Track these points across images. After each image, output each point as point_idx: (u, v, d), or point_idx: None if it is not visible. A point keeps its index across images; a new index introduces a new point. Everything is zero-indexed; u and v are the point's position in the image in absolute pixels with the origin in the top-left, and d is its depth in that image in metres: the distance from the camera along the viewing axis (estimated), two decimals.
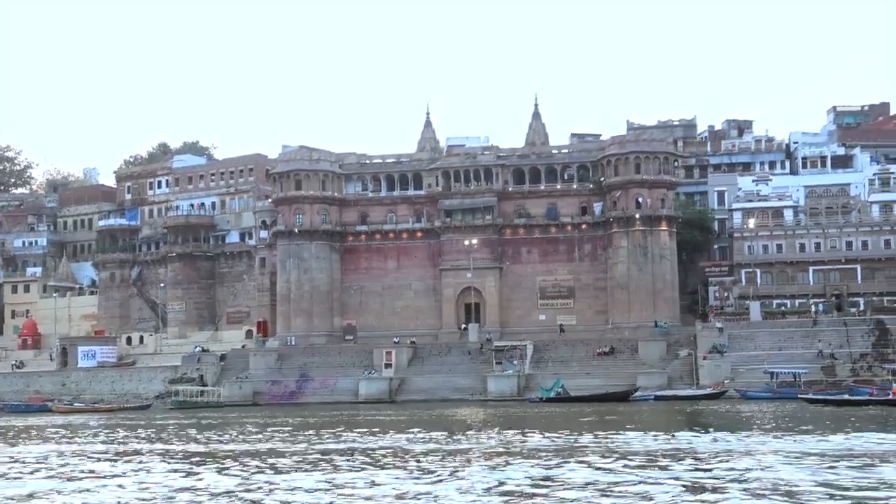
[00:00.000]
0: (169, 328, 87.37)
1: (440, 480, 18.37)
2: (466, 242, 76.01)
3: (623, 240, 75.51)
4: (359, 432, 33.71)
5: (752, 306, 71.85)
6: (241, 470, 21.49)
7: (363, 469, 21.00)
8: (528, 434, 30.61)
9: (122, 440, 33.78)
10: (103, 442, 32.98)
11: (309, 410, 57.16)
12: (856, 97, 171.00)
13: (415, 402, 64.26)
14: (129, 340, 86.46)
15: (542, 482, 17.74)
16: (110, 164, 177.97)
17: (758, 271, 77.70)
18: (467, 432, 32.47)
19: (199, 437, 34.25)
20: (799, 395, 52.78)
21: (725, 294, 77.50)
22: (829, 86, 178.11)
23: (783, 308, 74.96)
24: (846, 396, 51.09)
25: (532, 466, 20.42)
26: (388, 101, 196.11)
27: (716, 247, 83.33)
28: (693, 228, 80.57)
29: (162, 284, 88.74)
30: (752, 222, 77.84)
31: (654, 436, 28.51)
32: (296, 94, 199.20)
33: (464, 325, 77.05)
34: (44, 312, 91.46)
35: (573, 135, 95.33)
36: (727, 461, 20.77)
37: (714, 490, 16.09)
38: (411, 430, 33.71)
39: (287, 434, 34.02)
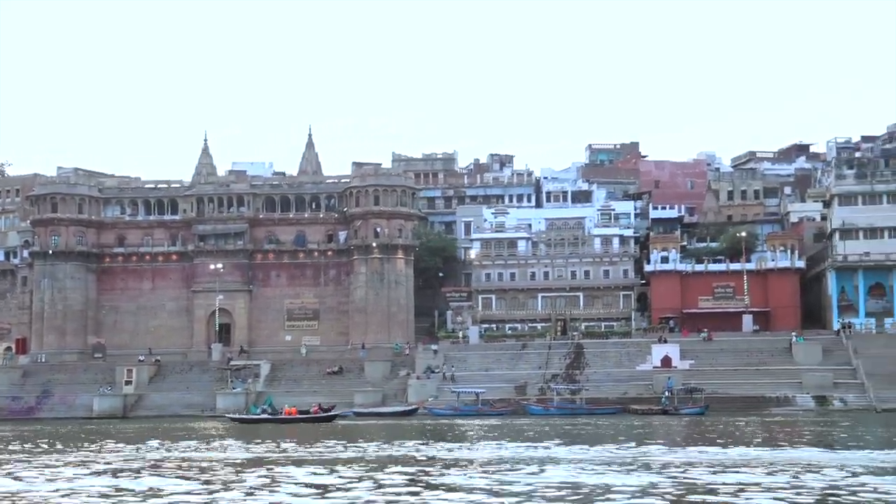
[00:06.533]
0: None
1: None
2: (212, 266, 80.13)
3: (363, 266, 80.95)
4: None
5: (472, 330, 78.16)
6: None
7: None
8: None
9: None
10: None
11: (32, 425, 60.02)
12: (615, 135, 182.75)
13: (147, 418, 67.84)
14: None
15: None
16: None
17: (493, 297, 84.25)
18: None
19: None
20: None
21: (460, 318, 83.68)
22: (589, 123, 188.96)
23: (510, 332, 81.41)
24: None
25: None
26: (181, 128, 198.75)
27: (462, 273, 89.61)
28: (437, 256, 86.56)
29: None
30: (482, 252, 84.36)
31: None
32: (95, 118, 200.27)
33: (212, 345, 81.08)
34: None
35: (354, 163, 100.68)
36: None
37: None
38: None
39: None
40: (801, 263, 78.04)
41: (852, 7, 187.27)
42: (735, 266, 78.44)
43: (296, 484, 19.53)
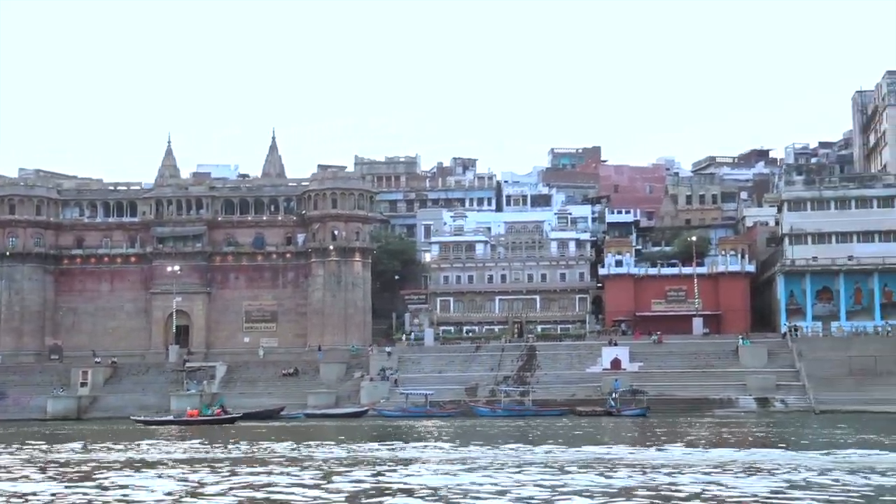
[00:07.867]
0: None
1: None
2: (171, 268, 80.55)
3: (320, 269, 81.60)
4: None
5: (427, 332, 78.86)
6: None
7: None
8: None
9: None
10: None
11: None
12: (578, 140, 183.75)
13: (101, 420, 68.24)
14: None
15: None
16: None
17: (451, 300, 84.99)
18: None
19: None
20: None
21: (417, 320, 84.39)
22: (553, 128, 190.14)
23: (467, 334, 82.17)
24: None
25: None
26: (150, 130, 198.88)
27: (422, 276, 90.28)
28: (396, 259, 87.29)
29: None
30: (440, 255, 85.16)
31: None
32: (62, 119, 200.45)
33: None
34: None
35: (320, 166, 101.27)
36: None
37: None
38: None
39: None
40: (751, 267, 79.19)
41: (815, 14, 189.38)
42: (687, 270, 79.44)
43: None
